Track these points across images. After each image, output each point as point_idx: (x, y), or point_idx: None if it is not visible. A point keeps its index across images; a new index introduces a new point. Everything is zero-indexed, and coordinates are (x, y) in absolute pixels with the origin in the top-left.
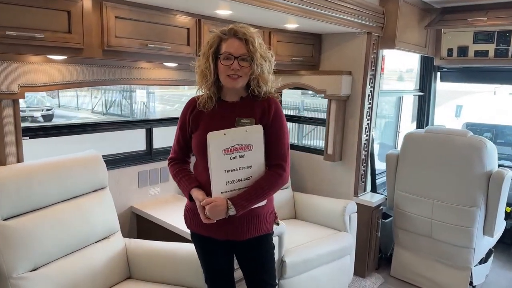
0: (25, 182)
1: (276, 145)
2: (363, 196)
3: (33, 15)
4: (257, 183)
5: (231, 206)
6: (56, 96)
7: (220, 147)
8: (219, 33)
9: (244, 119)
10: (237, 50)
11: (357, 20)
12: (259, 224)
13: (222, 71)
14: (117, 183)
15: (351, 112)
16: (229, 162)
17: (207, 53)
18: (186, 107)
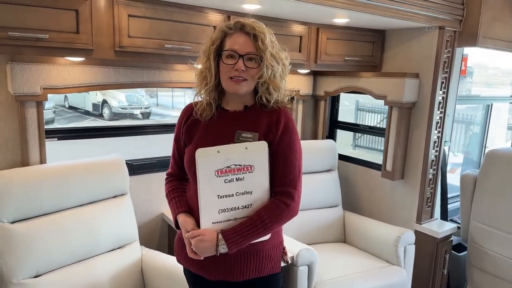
0: (35, 185)
1: (284, 168)
2: (428, 224)
3: (38, 15)
4: (257, 214)
5: (222, 242)
6: (155, 95)
7: (212, 167)
8: (224, 27)
9: (246, 133)
10: (243, 47)
11: (425, 12)
12: (260, 262)
13: (224, 72)
14: (147, 188)
15: (417, 122)
16: (223, 186)
17: (209, 50)
18: (182, 115)
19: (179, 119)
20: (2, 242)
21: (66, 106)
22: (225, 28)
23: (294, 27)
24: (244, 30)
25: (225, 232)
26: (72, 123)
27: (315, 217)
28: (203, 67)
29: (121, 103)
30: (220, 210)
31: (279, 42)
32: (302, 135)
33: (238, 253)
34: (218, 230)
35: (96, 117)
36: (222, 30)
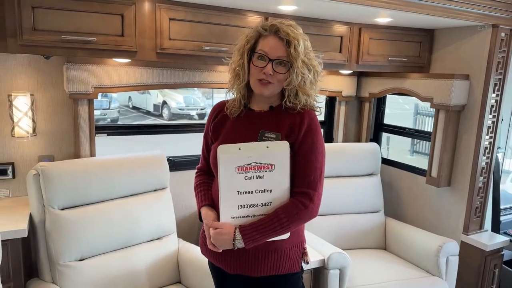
0: (84, 176)
1: (305, 169)
2: (476, 235)
3: (87, 20)
4: (275, 213)
5: (239, 237)
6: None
7: (233, 164)
8: (260, 27)
9: (269, 133)
10: (274, 51)
11: (477, 10)
12: (278, 261)
13: (253, 73)
14: (188, 184)
15: (466, 126)
16: (243, 182)
17: (243, 48)
18: (211, 113)
19: (208, 116)
20: (52, 227)
21: (130, 106)
22: (260, 29)
23: (335, 27)
24: (278, 35)
25: (243, 228)
26: (134, 122)
27: (354, 222)
28: (236, 65)
29: (179, 104)
30: (239, 205)
31: (318, 42)
32: (344, 137)
33: (257, 250)
34: (236, 225)
35: (157, 117)
36: (258, 30)
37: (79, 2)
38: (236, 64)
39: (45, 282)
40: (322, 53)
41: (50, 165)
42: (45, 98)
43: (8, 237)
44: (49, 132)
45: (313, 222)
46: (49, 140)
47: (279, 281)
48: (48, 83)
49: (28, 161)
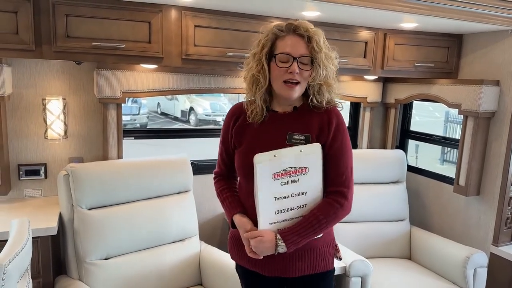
0: (111, 177)
1: (337, 168)
2: (507, 247)
3: (117, 27)
4: (312, 214)
5: (281, 242)
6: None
7: (270, 171)
8: (275, 29)
9: (297, 135)
10: (296, 50)
11: (507, 14)
12: (314, 260)
13: (276, 76)
14: (211, 187)
15: (496, 133)
16: (280, 188)
17: (259, 54)
18: (229, 116)
19: (226, 121)
20: (80, 226)
21: (158, 112)
22: (276, 31)
23: (359, 32)
24: (298, 32)
25: (284, 233)
26: (162, 127)
27: (378, 230)
28: (255, 71)
29: (206, 110)
30: (276, 211)
31: (342, 48)
32: (369, 144)
33: (294, 251)
34: (274, 230)
35: (184, 123)
36: (274, 32)
37: (110, 11)
38: (255, 70)
39: (72, 279)
40: (346, 59)
41: (79, 166)
42: (76, 102)
43: (38, 234)
44: (79, 135)
45: (336, 229)
46: (79, 142)
47: (314, 280)
48: (79, 88)
49: (59, 162)
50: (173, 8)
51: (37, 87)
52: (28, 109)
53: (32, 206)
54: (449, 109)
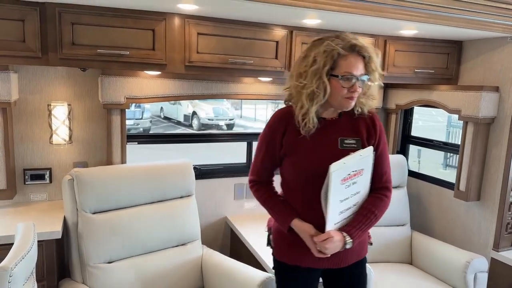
0: (115, 182)
1: (383, 166)
2: (507, 252)
3: (121, 35)
4: (366, 209)
5: (349, 239)
6: (239, 108)
7: (339, 177)
8: (339, 48)
9: (348, 139)
10: (357, 69)
11: (505, 21)
12: (360, 248)
13: (338, 93)
14: (213, 192)
15: (496, 139)
16: (344, 191)
17: (321, 71)
18: (277, 124)
19: (272, 128)
20: (84, 230)
21: (161, 116)
22: (340, 50)
23: (360, 39)
24: (360, 53)
25: (349, 230)
26: (165, 131)
27: (379, 235)
28: (315, 87)
29: (208, 114)
30: (340, 212)
31: None
32: None
33: None
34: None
35: (186, 127)
36: (338, 51)
37: (114, 19)
38: (315, 86)
39: (76, 282)
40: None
41: (83, 171)
42: (81, 108)
43: (43, 238)
44: (83, 140)
45: None
46: (83, 147)
47: (358, 266)
48: (84, 94)
49: (64, 167)
50: (176, 16)
51: (42, 93)
52: (34, 114)
53: (37, 210)
54: (452, 114)
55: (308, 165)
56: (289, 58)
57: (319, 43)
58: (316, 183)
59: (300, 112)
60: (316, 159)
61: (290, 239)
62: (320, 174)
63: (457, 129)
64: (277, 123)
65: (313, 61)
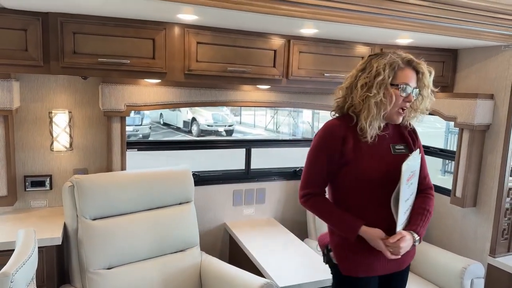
0: (114, 189)
1: (425, 169)
2: (504, 258)
3: (122, 44)
4: (421, 208)
5: (417, 237)
6: (238, 114)
7: (405, 178)
8: (399, 61)
9: (398, 145)
10: (412, 82)
11: (500, 31)
12: (412, 250)
13: (395, 103)
14: (212, 198)
15: (491, 146)
16: (407, 191)
17: (386, 82)
18: (337, 135)
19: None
20: (84, 236)
21: (161, 123)
22: (400, 63)
23: (356, 48)
24: (414, 67)
25: (415, 229)
26: (164, 138)
27: None
28: (382, 97)
29: (208, 121)
30: (404, 212)
31: (340, 63)
32: None
33: None
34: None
35: (186, 133)
36: (398, 64)
37: (115, 28)
38: (381, 97)
39: None
40: (343, 73)
41: (84, 177)
42: (82, 115)
43: (44, 244)
44: (84, 147)
45: None
46: (83, 154)
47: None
48: (85, 102)
49: (64, 173)
50: (176, 26)
51: (44, 101)
52: (35, 122)
53: (37, 216)
54: None
55: (371, 170)
56: (286, 67)
57: (380, 57)
58: (379, 187)
59: (367, 119)
60: (377, 165)
61: (356, 250)
62: (382, 178)
63: (455, 135)
64: (334, 133)
65: (376, 72)
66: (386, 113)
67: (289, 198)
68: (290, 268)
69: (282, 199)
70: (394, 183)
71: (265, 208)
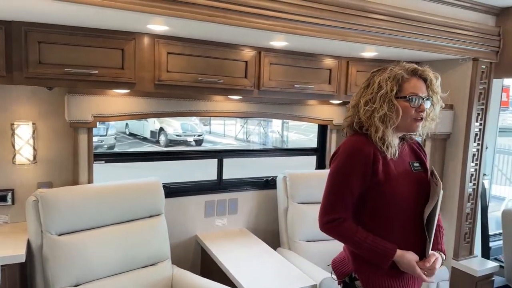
0: (81, 202)
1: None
2: (466, 261)
3: (90, 54)
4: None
5: (444, 256)
6: (208, 123)
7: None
8: (402, 73)
9: (415, 163)
10: (422, 91)
11: (457, 45)
12: None
13: (407, 114)
14: (183, 210)
15: (453, 153)
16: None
17: (390, 95)
18: (367, 153)
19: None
20: (49, 252)
21: (126, 133)
22: (403, 73)
23: (324, 60)
24: (421, 76)
25: (441, 248)
26: (130, 148)
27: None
28: (387, 111)
29: (176, 130)
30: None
31: (308, 75)
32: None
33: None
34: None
35: (153, 144)
36: (402, 75)
37: (83, 38)
38: (386, 109)
39: None
40: (313, 85)
41: (49, 191)
42: (46, 127)
43: (6, 262)
44: (48, 159)
45: (306, 249)
46: (48, 167)
47: None
48: (50, 113)
49: (27, 187)
50: (146, 36)
51: (6, 112)
52: None
53: None
54: None
55: (401, 192)
56: (258, 78)
57: (381, 71)
58: (406, 209)
59: (376, 135)
60: (405, 186)
61: (391, 275)
62: (409, 200)
63: None
64: (364, 151)
65: (378, 87)
66: (396, 127)
67: (261, 207)
68: (263, 278)
69: (254, 209)
70: (418, 204)
71: (237, 219)
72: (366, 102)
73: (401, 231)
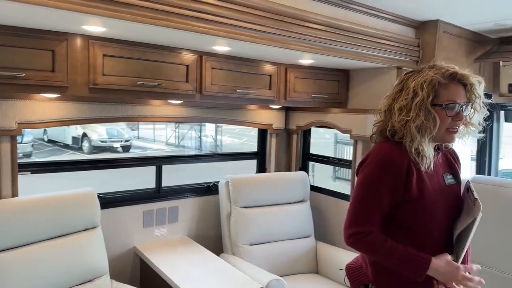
0: (5, 219)
1: None
2: None
3: (15, 55)
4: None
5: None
6: (136, 128)
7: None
8: (439, 77)
9: (448, 175)
10: (460, 98)
11: (383, 54)
12: None
13: (443, 122)
14: (120, 221)
15: None
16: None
17: (426, 102)
18: (400, 164)
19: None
20: None
21: (45, 139)
22: (440, 79)
23: (264, 66)
24: (461, 81)
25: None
26: (50, 157)
27: (287, 248)
28: (424, 120)
29: (101, 136)
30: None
31: (250, 80)
32: (276, 167)
33: None
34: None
35: (76, 151)
36: (437, 80)
37: (8, 38)
38: (423, 118)
39: None
40: (254, 90)
41: None
42: None
43: None
44: None
45: (247, 252)
46: None
47: None
48: None
49: None
50: (79, 37)
51: None
52: None
53: None
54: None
55: (435, 208)
56: (199, 82)
57: (416, 75)
58: (438, 225)
59: (412, 145)
60: (440, 202)
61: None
62: (443, 216)
63: (342, 145)
64: (397, 161)
65: (414, 93)
66: (433, 137)
67: (202, 214)
68: (208, 285)
69: (195, 216)
70: (450, 222)
71: (178, 227)
72: (401, 108)
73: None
